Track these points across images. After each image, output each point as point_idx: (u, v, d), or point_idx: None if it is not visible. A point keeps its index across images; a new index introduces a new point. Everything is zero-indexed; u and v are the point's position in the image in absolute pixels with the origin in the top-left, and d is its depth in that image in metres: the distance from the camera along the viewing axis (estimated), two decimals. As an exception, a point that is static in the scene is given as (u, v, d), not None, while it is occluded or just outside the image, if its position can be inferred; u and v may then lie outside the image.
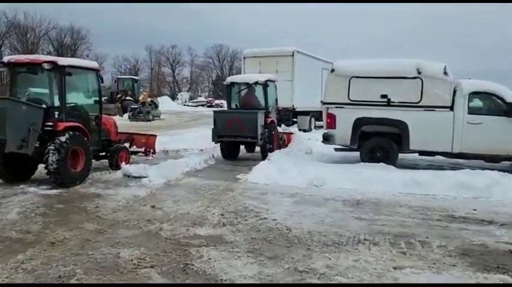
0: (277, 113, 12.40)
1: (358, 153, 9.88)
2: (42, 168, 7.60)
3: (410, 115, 9.28)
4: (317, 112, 17.69)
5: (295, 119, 19.70)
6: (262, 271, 4.00)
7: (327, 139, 10.09)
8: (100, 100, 8.76)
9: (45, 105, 7.52)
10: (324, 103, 10.18)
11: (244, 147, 12.60)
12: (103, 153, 9.07)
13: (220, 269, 4.02)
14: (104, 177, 8.39)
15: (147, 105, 27.55)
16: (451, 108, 9.18)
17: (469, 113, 9.11)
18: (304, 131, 17.60)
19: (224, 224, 5.44)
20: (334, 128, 9.88)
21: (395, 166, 9.08)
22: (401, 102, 9.36)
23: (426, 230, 5.33)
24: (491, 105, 9.27)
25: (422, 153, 9.78)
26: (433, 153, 9.65)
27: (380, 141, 9.65)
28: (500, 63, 68.30)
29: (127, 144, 10.07)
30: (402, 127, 9.34)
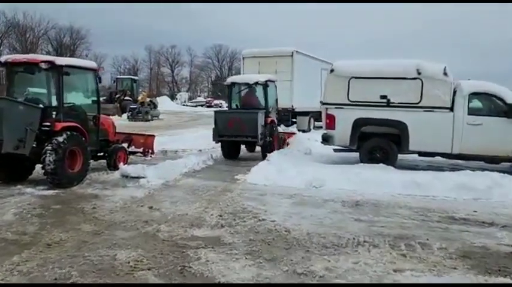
0: (277, 113, 12.46)
1: (357, 154, 9.84)
2: (39, 168, 7.53)
3: (410, 116, 9.24)
4: (316, 112, 17.65)
5: (294, 120, 19.65)
6: (260, 274, 3.95)
7: (326, 140, 10.05)
8: (98, 100, 8.70)
9: (42, 105, 7.46)
10: (323, 104, 10.14)
11: (245, 147, 12.66)
12: (101, 153, 9.01)
13: (218, 271, 3.97)
14: (102, 177, 8.33)
15: (146, 105, 27.49)
16: (451, 109, 9.14)
17: (469, 114, 9.07)
18: (303, 132, 17.54)
19: (222, 225, 5.39)
20: (333, 129, 9.84)
21: (394, 167, 9.05)
22: (400, 103, 9.32)
23: (426, 231, 5.28)
24: (491, 106, 9.23)
25: (421, 154, 9.74)
26: (433, 154, 9.62)
27: (379, 142, 9.61)
28: (500, 63, 68.35)
29: (125, 144, 10.02)
30: (402, 128, 9.30)
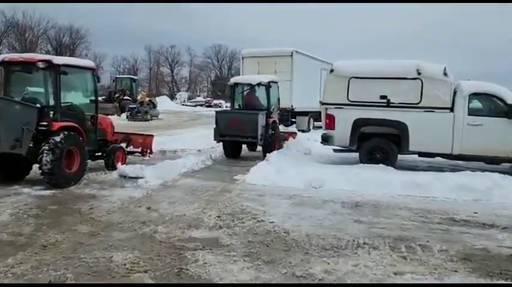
0: (278, 114, 12.63)
1: (357, 154, 9.79)
2: (36, 168, 7.46)
3: (409, 116, 9.19)
4: (316, 113, 17.59)
5: (294, 120, 19.61)
6: (258, 276, 3.90)
7: (326, 140, 10.00)
8: (96, 100, 8.63)
9: (39, 104, 7.38)
10: (323, 104, 10.08)
11: (246, 146, 12.77)
12: (99, 153, 8.93)
13: (215, 274, 3.91)
14: (100, 177, 8.26)
15: (145, 105, 27.41)
16: (451, 109, 9.09)
17: (469, 115, 9.02)
18: (302, 132, 17.52)
19: (220, 226, 5.33)
20: (333, 129, 9.79)
21: (394, 168, 8.99)
22: (400, 103, 9.28)
23: (426, 233, 5.22)
24: (491, 106, 9.18)
25: (421, 154, 9.69)
26: (433, 154, 9.56)
27: (379, 142, 9.55)
28: (500, 64, 68.31)
29: (124, 144, 9.95)
30: (402, 128, 9.25)
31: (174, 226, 5.29)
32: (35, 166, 7.53)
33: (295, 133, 14.47)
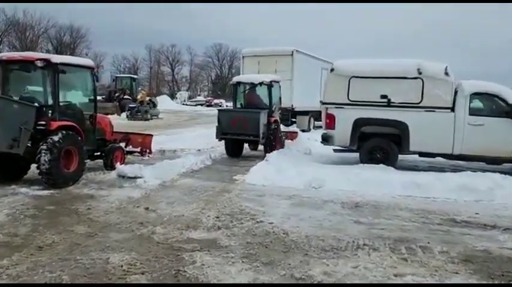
0: (283, 113, 12.81)
1: (357, 154, 9.73)
2: (35, 168, 7.40)
3: (410, 116, 9.14)
4: (316, 112, 17.53)
5: (294, 119, 19.55)
6: (257, 278, 3.84)
7: (326, 140, 9.95)
8: (95, 99, 8.58)
9: (37, 103, 7.32)
10: (323, 103, 10.03)
11: (248, 145, 12.86)
12: (98, 153, 8.88)
13: (213, 275, 3.86)
14: (98, 177, 8.20)
15: (145, 104, 27.34)
16: (452, 109, 9.04)
17: (470, 114, 8.97)
18: (303, 131, 17.46)
19: (219, 227, 5.27)
20: (333, 129, 9.74)
21: (395, 168, 8.94)
22: (401, 102, 9.23)
23: (427, 234, 5.17)
24: (492, 106, 9.13)
25: (422, 154, 9.63)
26: (434, 154, 9.51)
27: (380, 142, 9.51)
28: (500, 64, 68.22)
29: (123, 144, 9.90)
30: (402, 128, 9.19)
31: (172, 227, 5.23)
32: (33, 166, 7.48)
33: (296, 133, 14.46)
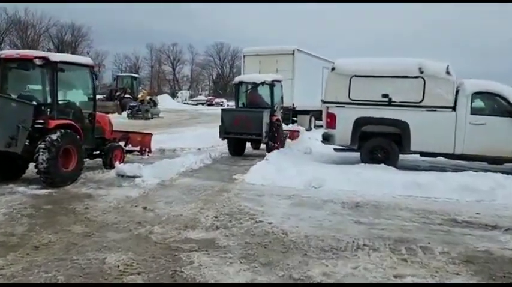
0: (284, 113, 13.02)
1: (358, 153, 9.67)
2: (33, 167, 7.35)
3: (411, 115, 9.07)
4: (317, 111, 17.48)
5: (295, 119, 19.49)
6: (255, 279, 3.79)
7: (327, 139, 9.89)
8: (94, 97, 8.54)
9: (36, 102, 7.27)
10: (324, 102, 9.98)
11: (250, 144, 12.94)
12: (97, 152, 8.84)
13: (210, 276, 3.81)
14: (97, 176, 8.16)
15: (146, 103, 27.30)
16: (454, 108, 8.97)
17: (472, 114, 8.91)
18: (307, 131, 17.42)
19: (217, 227, 5.22)
20: (334, 128, 9.68)
21: (396, 167, 8.88)
22: (402, 102, 9.16)
23: (428, 235, 5.11)
24: (494, 105, 9.07)
25: (423, 154, 9.57)
26: (435, 154, 9.45)
27: (381, 141, 9.44)
28: (500, 64, 68.01)
29: (122, 142, 9.85)
30: (403, 127, 9.13)
31: (170, 227, 5.18)
32: (32, 165, 7.43)
33: (297, 131, 14.42)
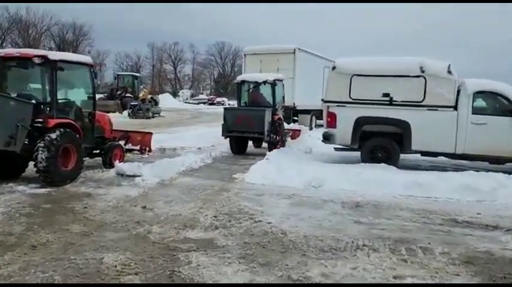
0: (283, 111, 12.98)
1: (358, 153, 9.63)
2: (33, 166, 7.33)
3: (412, 115, 9.02)
4: (318, 111, 17.41)
5: (295, 118, 19.44)
6: (253, 279, 3.76)
7: (327, 138, 9.85)
8: (94, 96, 8.51)
9: (35, 101, 7.25)
10: (325, 101, 9.93)
11: (252, 143, 13.01)
12: (97, 151, 8.82)
13: (208, 276, 3.78)
14: (97, 175, 8.14)
15: (147, 102, 27.30)
16: (455, 108, 8.92)
17: (473, 113, 8.85)
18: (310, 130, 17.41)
19: (216, 227, 5.19)
20: (334, 127, 9.64)
21: (396, 167, 8.83)
22: (403, 101, 9.11)
23: (428, 235, 5.08)
24: (496, 105, 9.01)
25: (424, 154, 9.52)
26: (436, 154, 9.40)
27: (381, 141, 9.40)
28: (501, 64, 67.81)
29: (122, 142, 9.82)
30: (404, 127, 9.08)
31: (169, 226, 5.16)
32: (32, 163, 7.41)
33: (299, 131, 14.38)
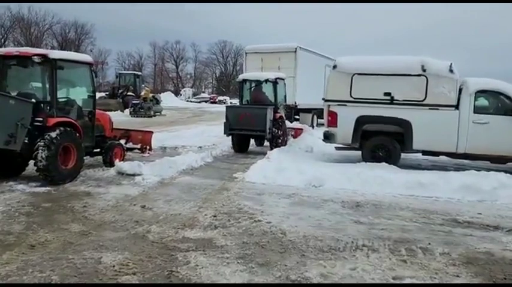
0: (285, 110, 13.11)
1: (359, 152, 9.60)
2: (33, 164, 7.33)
3: (414, 114, 8.98)
4: (319, 110, 17.32)
5: (297, 117, 19.39)
6: (251, 280, 3.74)
7: (328, 137, 9.81)
8: (94, 95, 8.49)
9: (35, 99, 7.24)
10: (326, 100, 9.89)
11: (254, 141, 13.11)
12: (97, 149, 8.81)
13: (206, 277, 3.76)
14: (97, 174, 8.12)
15: (149, 101, 27.29)
16: (457, 107, 8.88)
17: (475, 112, 8.80)
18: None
19: (216, 226, 5.18)
20: (335, 126, 9.61)
21: (397, 166, 8.79)
22: (405, 100, 9.07)
23: (428, 235, 5.05)
24: (498, 104, 8.96)
25: (425, 153, 9.48)
26: (437, 153, 9.36)
27: (382, 140, 9.36)
28: (502, 63, 67.70)
29: (123, 140, 9.81)
30: (405, 126, 9.05)
31: (168, 226, 5.14)
32: (32, 162, 7.40)
33: (301, 129, 14.34)
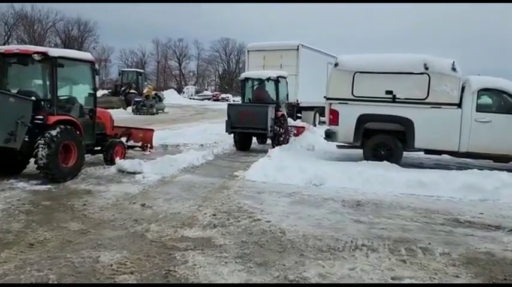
0: (287, 108, 13.15)
1: (361, 150, 9.56)
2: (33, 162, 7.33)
3: (416, 112, 8.94)
4: (322, 108, 17.08)
5: (299, 115, 19.33)
6: (249, 280, 3.72)
7: (329, 136, 9.78)
8: (95, 93, 8.49)
9: (35, 97, 7.23)
10: (327, 99, 9.85)
11: (256, 139, 13.14)
12: (98, 147, 8.81)
13: (204, 276, 3.75)
14: (97, 172, 8.12)
15: (151, 98, 27.30)
16: (459, 105, 8.82)
17: (478, 111, 8.75)
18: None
19: (215, 225, 5.16)
20: (336, 125, 9.58)
21: (399, 165, 8.75)
22: (407, 98, 9.02)
23: (429, 235, 5.01)
24: (501, 102, 8.91)
25: (428, 152, 9.43)
26: (439, 152, 9.31)
27: (384, 138, 9.32)
28: (502, 63, 67.26)
29: (124, 138, 9.81)
30: (407, 124, 9.00)
31: (167, 224, 5.13)
32: (33, 160, 7.40)
33: (303, 127, 14.31)
